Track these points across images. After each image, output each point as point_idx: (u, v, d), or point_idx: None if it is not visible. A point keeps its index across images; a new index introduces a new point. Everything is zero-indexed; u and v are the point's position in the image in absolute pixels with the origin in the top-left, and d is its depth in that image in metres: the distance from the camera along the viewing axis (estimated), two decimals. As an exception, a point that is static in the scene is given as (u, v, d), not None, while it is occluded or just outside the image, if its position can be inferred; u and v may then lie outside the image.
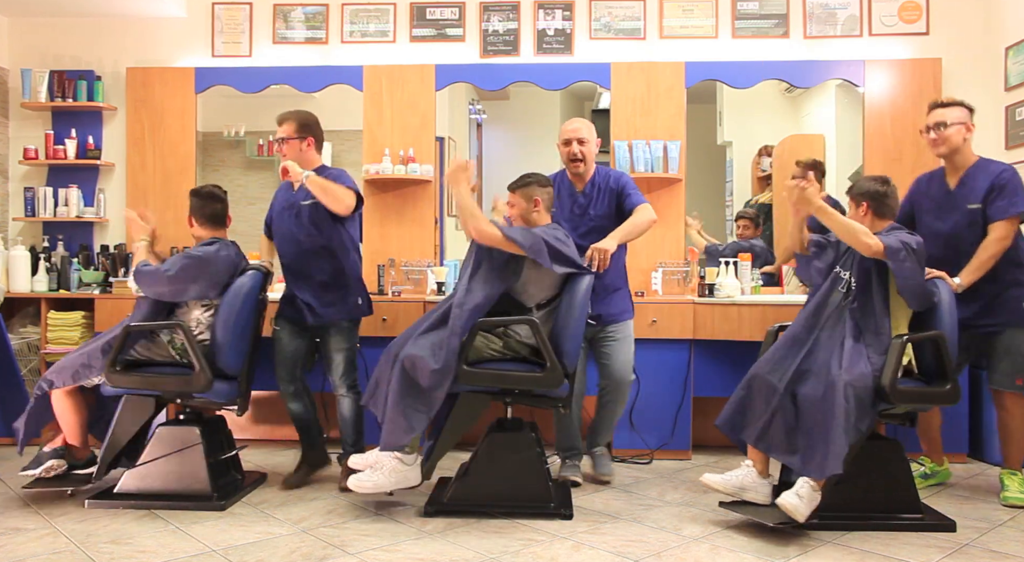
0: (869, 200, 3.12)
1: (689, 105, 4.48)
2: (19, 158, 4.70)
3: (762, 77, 4.48)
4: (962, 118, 3.35)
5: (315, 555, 2.72)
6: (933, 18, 4.48)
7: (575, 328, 3.10)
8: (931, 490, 3.49)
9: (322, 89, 4.63)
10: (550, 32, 4.62)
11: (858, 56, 4.46)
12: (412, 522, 3.06)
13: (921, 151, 4.33)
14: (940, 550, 2.78)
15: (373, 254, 4.55)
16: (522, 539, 2.87)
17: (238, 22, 4.74)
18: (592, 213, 3.48)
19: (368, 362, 3.99)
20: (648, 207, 3.38)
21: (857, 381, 2.83)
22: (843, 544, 2.83)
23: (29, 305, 4.46)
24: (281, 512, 3.18)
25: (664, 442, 3.94)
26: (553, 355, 3.02)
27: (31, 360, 4.31)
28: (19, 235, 4.80)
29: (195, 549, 2.76)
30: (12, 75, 4.80)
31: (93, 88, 4.70)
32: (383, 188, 4.58)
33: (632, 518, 3.11)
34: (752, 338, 3.81)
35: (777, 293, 4.34)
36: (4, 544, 2.81)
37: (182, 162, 4.68)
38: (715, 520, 3.09)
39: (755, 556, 2.72)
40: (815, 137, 4.82)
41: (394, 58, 4.65)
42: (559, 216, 3.48)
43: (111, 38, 4.79)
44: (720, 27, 4.56)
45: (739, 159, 4.86)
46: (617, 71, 4.49)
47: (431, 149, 4.56)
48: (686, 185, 4.46)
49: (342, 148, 4.96)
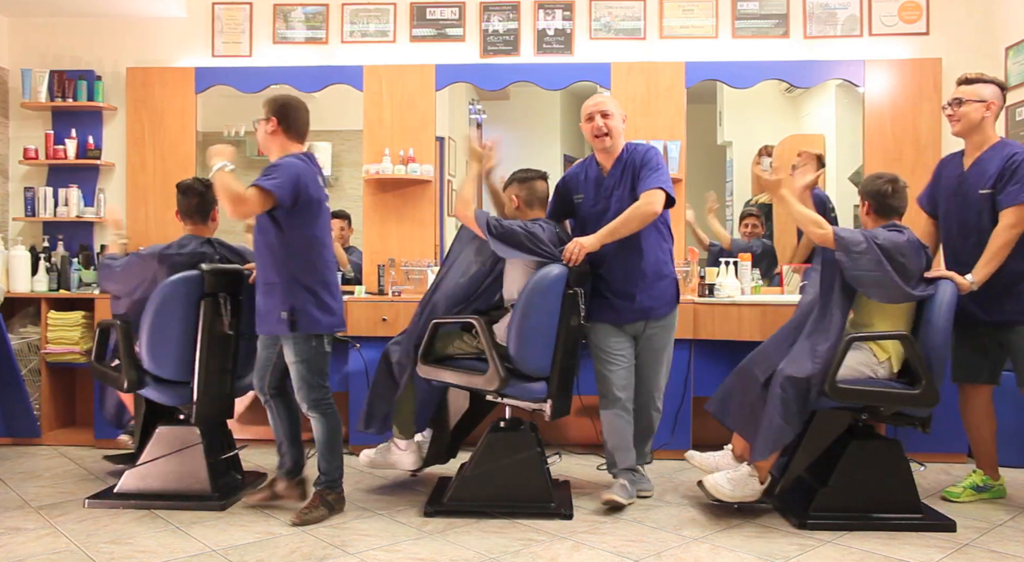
0: (870, 199, 3.14)
1: (689, 105, 4.48)
2: (19, 158, 4.70)
3: (762, 77, 4.48)
4: (982, 95, 3.15)
5: (315, 555, 2.72)
6: (933, 18, 4.48)
7: (543, 330, 3.06)
8: (931, 490, 3.48)
9: (322, 89, 4.63)
10: (550, 32, 4.62)
11: (858, 56, 4.46)
12: (412, 522, 3.06)
13: (921, 151, 4.34)
14: (940, 550, 2.78)
15: (373, 254, 4.55)
16: (522, 539, 2.87)
17: (238, 22, 4.74)
18: (615, 197, 3.20)
19: (368, 362, 4.00)
20: (654, 195, 3.05)
21: (796, 374, 2.92)
22: (843, 544, 2.83)
23: (29, 305, 4.46)
24: (281, 512, 3.18)
25: (664, 442, 3.93)
26: (495, 358, 3.00)
27: (31, 360, 4.31)
28: (19, 235, 4.80)
29: (195, 549, 2.76)
30: (12, 75, 4.80)
31: (93, 88, 4.69)
32: (383, 188, 4.58)
33: (632, 518, 3.11)
34: (752, 338, 3.80)
35: (777, 293, 4.34)
36: (4, 544, 2.81)
37: (182, 162, 4.68)
38: (715, 520, 3.09)
39: (755, 556, 2.72)
40: (815, 137, 4.82)
41: (394, 58, 4.65)
42: (586, 207, 3.28)
43: (111, 38, 4.79)
44: (720, 27, 4.55)
45: (739, 159, 4.86)
46: (617, 71, 4.49)
47: (431, 149, 4.56)
48: (686, 185, 4.45)
49: (342, 148, 4.96)
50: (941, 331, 2.94)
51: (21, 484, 3.57)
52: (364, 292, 4.29)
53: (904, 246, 2.99)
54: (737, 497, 3.02)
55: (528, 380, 3.08)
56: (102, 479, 3.63)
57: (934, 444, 3.68)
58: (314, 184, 3.05)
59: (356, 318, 4.02)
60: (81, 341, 4.28)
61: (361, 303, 4.05)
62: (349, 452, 4.06)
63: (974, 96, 3.15)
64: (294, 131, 3.12)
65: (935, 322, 2.94)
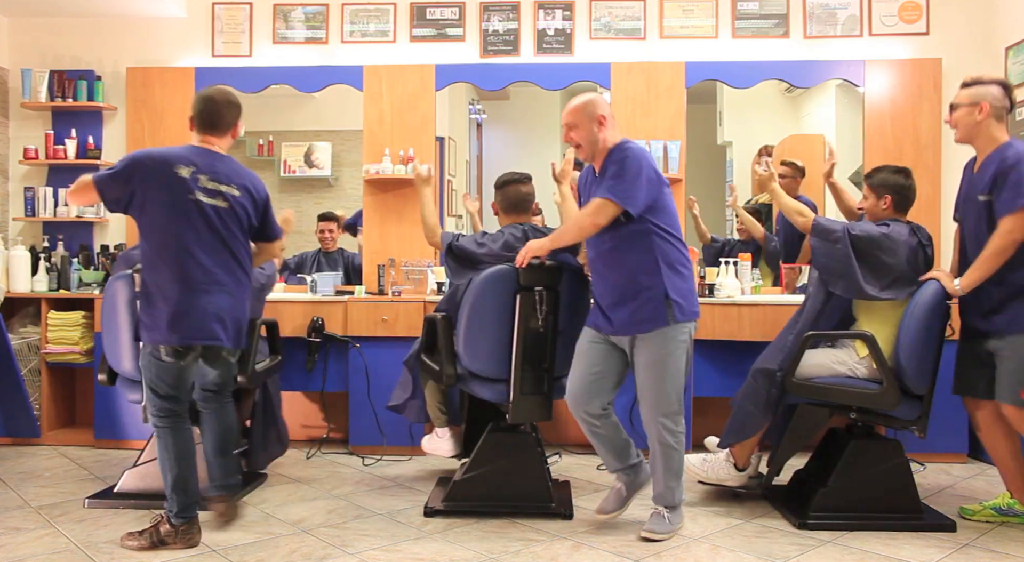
0: (893, 194, 3.13)
1: (689, 105, 4.48)
2: (19, 158, 4.70)
3: (762, 77, 4.48)
4: (973, 98, 2.97)
5: (315, 555, 2.72)
6: (933, 18, 4.48)
7: (489, 330, 3.08)
8: (931, 490, 3.48)
9: (322, 89, 4.63)
10: (550, 32, 4.61)
11: (858, 56, 4.46)
12: (412, 522, 3.06)
13: (921, 151, 4.34)
14: (940, 550, 2.78)
15: (373, 254, 4.55)
16: (522, 539, 2.87)
17: (238, 22, 4.74)
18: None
19: (368, 361, 4.01)
20: (594, 204, 2.82)
21: (765, 366, 3.12)
22: (843, 544, 2.83)
23: (29, 305, 4.46)
24: (281, 512, 3.18)
25: (664, 442, 3.93)
26: (446, 357, 3.14)
27: (31, 360, 4.31)
28: (19, 235, 4.80)
29: (195, 549, 2.76)
30: (12, 75, 4.80)
31: (93, 88, 4.69)
32: (383, 188, 4.57)
33: (632, 518, 3.10)
34: (752, 338, 3.80)
35: (777, 293, 4.34)
36: (4, 544, 2.81)
37: (182, 162, 4.67)
38: (715, 520, 3.09)
39: (755, 556, 2.73)
40: (815, 137, 4.82)
41: (394, 58, 4.65)
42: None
43: (111, 38, 4.79)
44: (720, 27, 4.55)
45: (739, 159, 4.86)
46: (617, 71, 4.49)
47: (431, 149, 4.56)
48: (686, 185, 4.45)
49: (342, 148, 4.96)
50: (911, 331, 2.91)
51: (21, 484, 3.58)
52: (364, 292, 4.29)
53: (883, 240, 2.98)
54: (711, 478, 3.28)
55: (489, 381, 3.12)
56: (102, 479, 3.63)
57: (934, 444, 3.68)
58: (168, 183, 2.75)
59: (356, 318, 4.02)
60: (81, 341, 4.28)
61: (361, 303, 4.05)
62: (349, 452, 4.07)
63: (966, 100, 3.00)
64: (197, 123, 2.92)
65: (906, 322, 2.93)
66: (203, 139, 2.91)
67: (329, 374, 4.12)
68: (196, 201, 2.75)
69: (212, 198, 2.79)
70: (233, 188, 2.84)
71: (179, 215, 2.74)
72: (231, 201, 2.83)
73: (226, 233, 2.81)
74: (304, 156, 4.99)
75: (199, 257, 2.76)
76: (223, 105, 2.93)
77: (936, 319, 2.94)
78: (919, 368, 2.92)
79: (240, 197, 2.85)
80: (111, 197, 2.77)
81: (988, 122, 2.97)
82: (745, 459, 3.25)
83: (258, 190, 2.95)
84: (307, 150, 4.99)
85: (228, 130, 2.96)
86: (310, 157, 4.99)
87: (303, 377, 4.11)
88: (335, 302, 4.08)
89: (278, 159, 4.99)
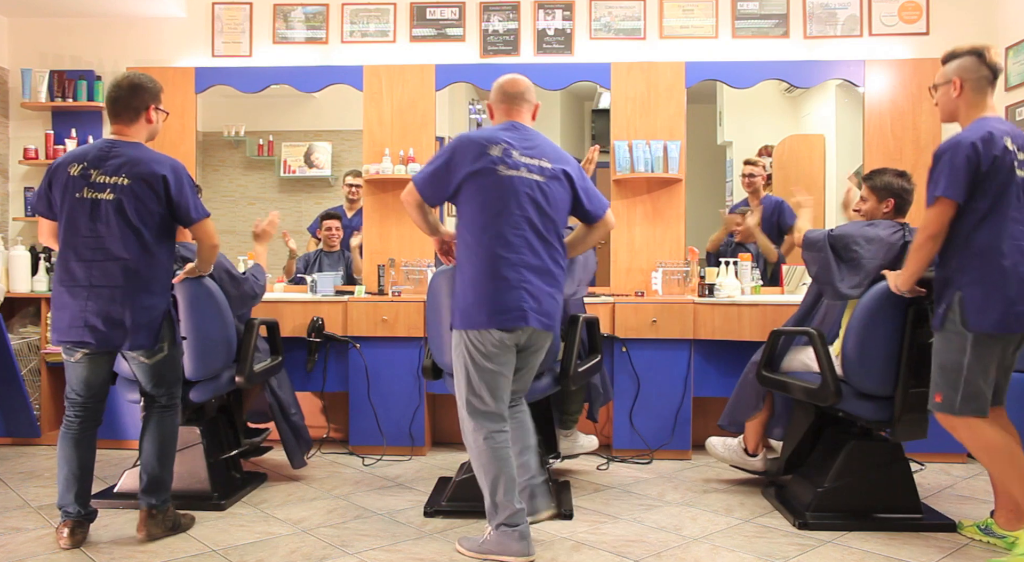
0: (895, 198, 3.12)
1: (689, 105, 4.48)
2: (19, 158, 4.70)
3: (762, 77, 4.48)
4: (947, 76, 2.74)
5: (315, 555, 2.72)
6: (933, 18, 4.48)
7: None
8: (931, 490, 3.48)
9: (322, 89, 4.63)
10: (550, 32, 4.61)
11: (858, 56, 4.46)
12: (412, 522, 3.06)
13: (921, 151, 4.34)
14: (940, 550, 2.78)
15: (373, 254, 4.55)
16: (522, 539, 2.87)
17: (238, 22, 4.74)
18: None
19: (368, 362, 4.01)
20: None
21: (755, 358, 3.34)
22: (843, 544, 2.83)
23: (29, 305, 4.46)
24: (281, 512, 3.18)
25: (664, 442, 3.94)
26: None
27: (31, 360, 4.31)
28: (19, 235, 4.80)
29: (195, 549, 2.76)
30: (12, 75, 4.80)
31: (93, 88, 4.69)
32: (383, 188, 4.57)
33: (632, 518, 3.11)
34: (752, 338, 3.81)
35: (777, 293, 4.34)
36: (4, 544, 2.81)
37: (182, 162, 4.64)
38: (715, 520, 3.10)
39: (755, 556, 2.73)
40: (815, 137, 4.82)
41: (394, 58, 4.65)
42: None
43: (111, 38, 4.79)
44: (720, 27, 4.55)
45: (739, 159, 4.85)
46: (617, 71, 4.49)
47: (431, 149, 4.56)
48: (686, 185, 4.45)
49: (342, 148, 4.96)
50: (852, 330, 2.93)
51: (21, 484, 3.58)
52: (364, 292, 4.29)
53: (859, 237, 2.99)
54: (726, 459, 3.53)
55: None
56: (102, 479, 3.63)
57: (934, 444, 3.67)
58: (64, 181, 2.73)
59: (356, 318, 4.02)
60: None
61: (361, 303, 4.05)
62: (349, 452, 4.07)
63: (941, 79, 2.77)
64: (108, 114, 2.84)
65: (850, 320, 2.97)
66: (114, 130, 2.82)
67: (329, 374, 4.12)
68: (83, 199, 2.73)
69: (101, 191, 2.72)
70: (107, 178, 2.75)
71: (72, 213, 2.73)
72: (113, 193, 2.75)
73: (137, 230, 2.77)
74: (304, 156, 4.99)
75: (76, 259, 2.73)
76: (125, 90, 2.79)
77: (882, 318, 2.87)
78: (863, 366, 2.92)
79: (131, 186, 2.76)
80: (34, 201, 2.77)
81: (965, 98, 2.72)
82: (755, 444, 3.45)
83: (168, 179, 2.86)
84: (307, 150, 4.99)
85: (138, 116, 2.81)
86: (310, 157, 4.99)
87: (303, 377, 4.11)
88: (335, 302, 4.08)
89: (278, 159, 4.99)
